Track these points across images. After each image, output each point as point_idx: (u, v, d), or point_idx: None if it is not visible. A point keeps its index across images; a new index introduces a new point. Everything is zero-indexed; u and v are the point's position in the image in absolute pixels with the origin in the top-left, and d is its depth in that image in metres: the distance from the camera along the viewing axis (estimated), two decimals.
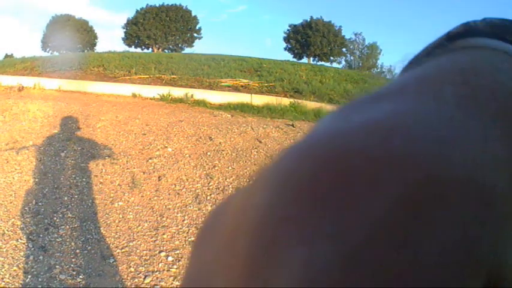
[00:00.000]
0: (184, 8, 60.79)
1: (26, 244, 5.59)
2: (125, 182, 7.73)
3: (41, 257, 5.35)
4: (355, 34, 64.86)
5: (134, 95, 15.33)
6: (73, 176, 7.87)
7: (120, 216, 6.51)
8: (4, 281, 4.86)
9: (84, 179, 7.77)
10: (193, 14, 61.52)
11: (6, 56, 56.49)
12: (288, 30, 62.38)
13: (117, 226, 6.23)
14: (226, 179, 8.02)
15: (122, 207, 6.75)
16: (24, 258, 5.28)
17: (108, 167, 8.34)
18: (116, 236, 5.98)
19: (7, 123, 10.48)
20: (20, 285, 4.87)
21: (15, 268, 5.06)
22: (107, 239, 5.92)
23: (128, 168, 8.30)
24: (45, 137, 9.71)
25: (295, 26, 61.47)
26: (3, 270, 4.99)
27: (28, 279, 4.94)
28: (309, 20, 59.75)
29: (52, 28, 59.38)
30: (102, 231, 6.11)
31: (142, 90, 16.14)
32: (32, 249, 5.50)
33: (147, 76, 18.02)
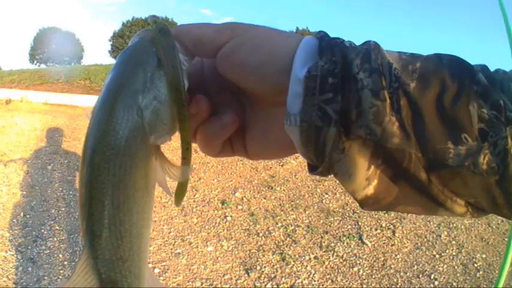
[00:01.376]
0: (170, 20, 60.82)
1: (15, 256, 5.61)
2: None
3: (29, 269, 5.37)
4: None
5: None
6: (60, 189, 7.87)
7: None
8: None
9: (71, 192, 7.76)
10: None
11: None
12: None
13: None
14: (211, 192, 8.01)
15: None
16: (13, 270, 5.31)
17: None
18: None
19: None
20: None
21: (4, 279, 5.09)
22: None
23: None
24: (33, 150, 9.71)
25: None
26: None
27: None
28: (295, 31, 59.91)
29: (39, 40, 59.32)
30: None
31: None
32: (21, 260, 5.53)
33: None
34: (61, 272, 5.41)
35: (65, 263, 5.62)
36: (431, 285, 5.18)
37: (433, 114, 0.61)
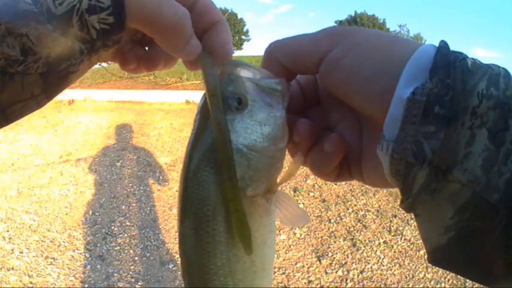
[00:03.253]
0: (229, 11, 61.64)
1: (83, 254, 5.65)
2: None
3: (98, 266, 5.39)
4: (400, 26, 66.08)
5: (187, 102, 15.03)
6: (130, 185, 7.93)
7: None
8: None
9: (141, 187, 7.81)
10: (239, 17, 62.42)
11: None
12: (334, 27, 64.53)
13: (176, 232, 6.12)
14: None
15: None
16: (81, 268, 5.33)
17: (165, 174, 8.39)
18: (175, 241, 5.95)
19: (59, 137, 10.70)
20: None
21: (71, 278, 5.11)
22: (167, 244, 5.95)
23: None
24: (100, 148, 9.86)
25: (340, 22, 63.21)
26: (58, 281, 5.05)
27: None
28: (353, 15, 60.82)
29: None
30: (161, 237, 6.14)
31: (195, 96, 15.68)
32: (90, 258, 5.55)
33: (199, 82, 17.84)
34: (131, 267, 5.41)
35: (136, 258, 5.61)
36: None
37: None
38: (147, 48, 0.81)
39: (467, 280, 4.78)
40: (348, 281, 5.00)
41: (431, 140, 0.52)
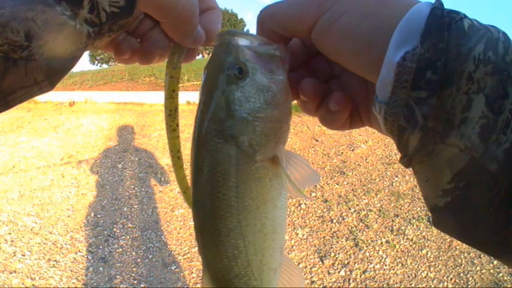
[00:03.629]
0: (229, 11, 61.51)
1: (86, 256, 5.64)
2: None
3: (101, 268, 5.38)
4: None
5: (188, 103, 14.89)
6: (132, 186, 7.93)
7: (181, 223, 6.53)
8: None
9: (143, 189, 7.81)
10: (239, 17, 62.34)
11: None
12: None
13: (178, 233, 6.25)
14: None
15: (183, 215, 6.76)
16: (83, 271, 5.32)
17: (167, 176, 8.38)
18: (178, 243, 5.99)
19: (60, 139, 10.69)
20: None
21: (74, 281, 5.10)
22: (169, 246, 5.94)
23: (187, 175, 8.22)
24: (101, 149, 9.85)
25: None
26: (61, 283, 5.05)
27: None
28: None
29: None
30: (163, 239, 6.12)
31: (196, 97, 15.10)
32: (92, 261, 5.54)
33: (200, 82, 17.67)
34: (134, 269, 5.40)
35: (138, 260, 5.61)
36: (491, 265, 5.05)
37: None
38: (139, 40, 0.83)
39: (470, 279, 4.77)
40: (351, 281, 4.97)
41: (423, 106, 0.52)
